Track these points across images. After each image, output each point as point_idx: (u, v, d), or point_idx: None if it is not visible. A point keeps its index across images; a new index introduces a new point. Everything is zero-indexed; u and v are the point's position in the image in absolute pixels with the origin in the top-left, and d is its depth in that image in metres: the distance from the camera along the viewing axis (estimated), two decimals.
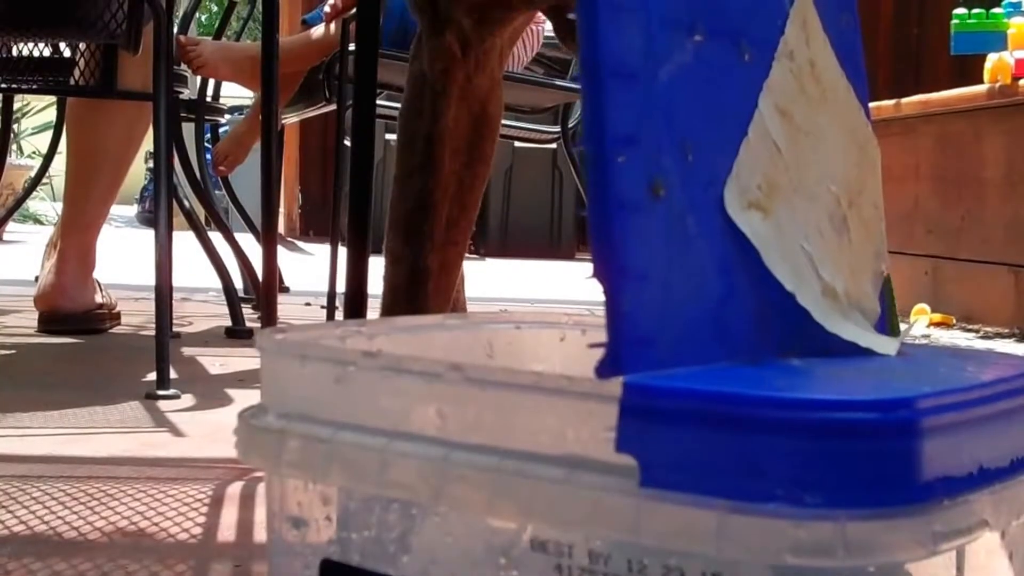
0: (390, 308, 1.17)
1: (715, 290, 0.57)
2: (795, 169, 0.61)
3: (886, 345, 0.62)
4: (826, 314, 0.61)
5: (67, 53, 2.20)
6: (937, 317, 3.05)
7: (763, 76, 0.61)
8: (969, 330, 2.96)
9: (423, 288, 1.16)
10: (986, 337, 2.83)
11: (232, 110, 3.43)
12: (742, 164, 0.59)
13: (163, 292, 1.72)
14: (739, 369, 0.55)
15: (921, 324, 3.02)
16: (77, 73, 2.12)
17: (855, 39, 0.70)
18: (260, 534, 1.02)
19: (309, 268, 3.41)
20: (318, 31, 3.09)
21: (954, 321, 3.05)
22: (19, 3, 1.96)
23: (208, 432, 1.43)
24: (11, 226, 4.88)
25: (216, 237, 2.68)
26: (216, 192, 3.39)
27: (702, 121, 0.58)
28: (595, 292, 0.52)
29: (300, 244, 4.18)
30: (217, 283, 2.54)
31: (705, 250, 0.56)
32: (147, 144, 2.28)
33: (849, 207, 0.65)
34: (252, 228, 2.94)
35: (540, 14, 2.07)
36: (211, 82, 3.22)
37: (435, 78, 1.17)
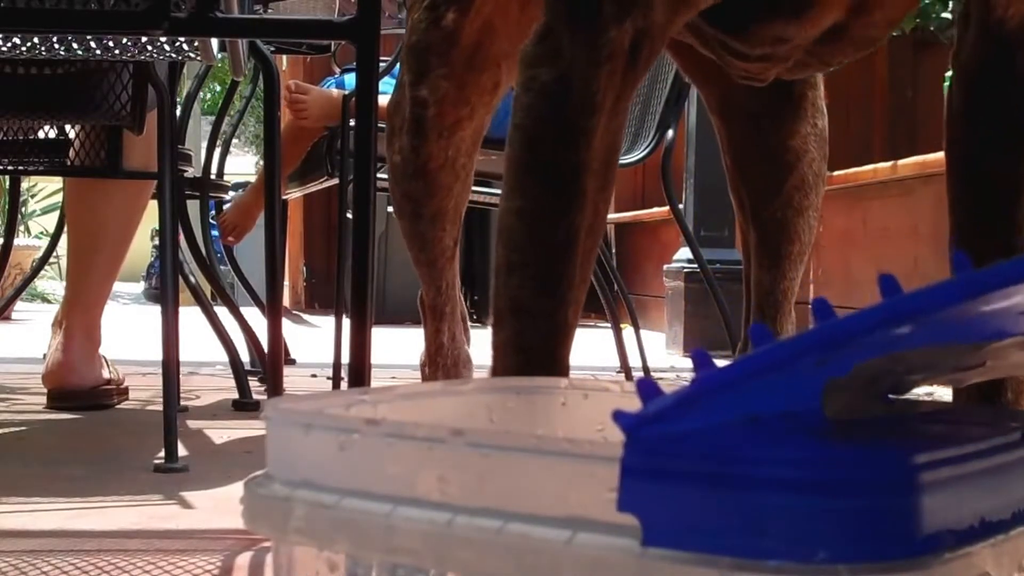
0: (523, 374, 0.90)
1: None
2: None
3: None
4: None
5: (72, 135, 2.22)
6: None
7: None
8: None
9: (563, 346, 0.94)
10: None
11: (236, 187, 3.45)
12: None
13: (170, 366, 1.73)
14: (737, 427, 0.55)
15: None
16: (72, 153, 2.14)
17: None
18: None
19: (314, 340, 3.42)
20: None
21: None
22: (25, 86, 1.98)
23: (216, 504, 1.43)
24: (19, 305, 4.89)
25: (222, 311, 2.69)
26: (221, 267, 3.40)
27: None
28: (598, 358, 0.52)
29: (305, 317, 4.19)
30: (224, 357, 2.55)
31: None
32: (153, 221, 2.30)
33: None
34: (257, 302, 2.95)
35: None
36: (215, 159, 3.25)
37: (591, 90, 0.89)
